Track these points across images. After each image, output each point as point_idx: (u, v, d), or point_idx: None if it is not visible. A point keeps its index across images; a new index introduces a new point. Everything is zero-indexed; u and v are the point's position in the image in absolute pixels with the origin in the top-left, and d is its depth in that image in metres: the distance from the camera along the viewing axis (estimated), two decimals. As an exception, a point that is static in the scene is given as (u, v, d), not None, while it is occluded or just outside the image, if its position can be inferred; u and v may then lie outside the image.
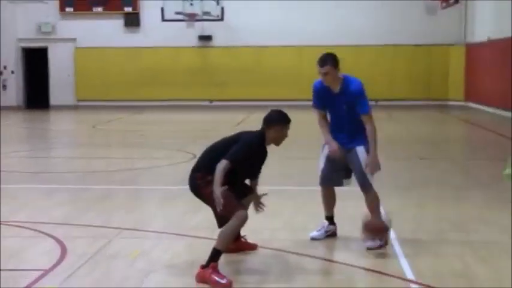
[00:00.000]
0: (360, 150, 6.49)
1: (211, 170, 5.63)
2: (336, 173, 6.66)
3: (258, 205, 6.21)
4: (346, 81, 6.48)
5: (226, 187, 5.50)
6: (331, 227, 6.91)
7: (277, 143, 6.03)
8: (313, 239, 6.81)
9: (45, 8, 27.19)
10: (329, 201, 6.88)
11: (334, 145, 6.52)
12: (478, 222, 7.57)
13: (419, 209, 8.21)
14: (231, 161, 5.60)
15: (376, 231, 6.37)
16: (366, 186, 6.53)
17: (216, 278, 5.38)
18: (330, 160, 6.62)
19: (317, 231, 6.87)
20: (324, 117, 6.71)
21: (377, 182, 6.54)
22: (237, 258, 6.17)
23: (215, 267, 5.45)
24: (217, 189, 5.47)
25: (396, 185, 9.58)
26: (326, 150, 6.65)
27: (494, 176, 10.48)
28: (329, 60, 6.41)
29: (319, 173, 6.79)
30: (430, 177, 10.59)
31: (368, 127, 6.46)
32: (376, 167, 6.46)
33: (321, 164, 6.73)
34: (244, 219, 5.63)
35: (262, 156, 6.01)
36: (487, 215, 7.87)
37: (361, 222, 6.40)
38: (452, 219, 7.70)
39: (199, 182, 5.76)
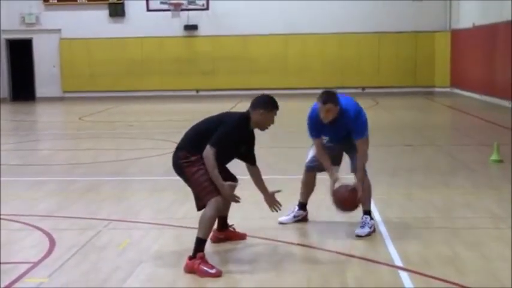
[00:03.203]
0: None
1: (195, 150, 5.70)
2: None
3: (274, 204, 6.19)
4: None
5: (228, 183, 5.65)
6: (301, 212, 7.00)
7: (261, 127, 5.94)
8: (281, 223, 6.88)
9: (28, -2, 26.98)
10: (308, 188, 6.95)
11: (335, 177, 6.48)
12: (465, 208, 7.62)
13: (406, 196, 8.25)
14: (214, 146, 5.60)
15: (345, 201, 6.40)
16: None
17: (205, 268, 5.39)
18: None
19: (286, 215, 6.94)
20: (322, 145, 6.59)
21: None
22: (226, 247, 6.19)
23: (203, 257, 5.45)
24: (224, 188, 5.57)
25: (383, 171, 9.61)
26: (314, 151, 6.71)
27: (481, 162, 10.56)
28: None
29: (306, 160, 6.83)
30: (417, 163, 10.63)
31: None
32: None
33: (310, 154, 6.82)
34: (219, 205, 5.64)
35: (247, 138, 5.97)
36: (474, 201, 7.92)
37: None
38: (439, 205, 7.75)
39: (182, 162, 5.76)
